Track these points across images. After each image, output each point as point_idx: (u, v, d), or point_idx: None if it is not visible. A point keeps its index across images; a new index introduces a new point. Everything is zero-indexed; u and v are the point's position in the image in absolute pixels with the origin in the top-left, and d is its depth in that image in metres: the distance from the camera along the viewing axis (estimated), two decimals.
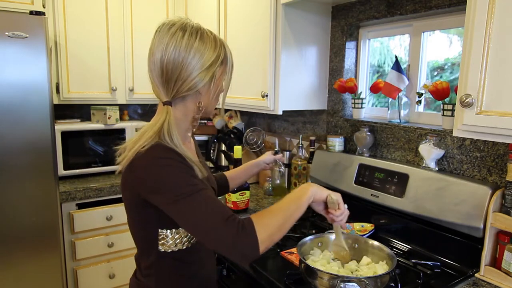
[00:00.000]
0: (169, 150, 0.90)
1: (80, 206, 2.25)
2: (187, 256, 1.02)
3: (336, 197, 1.03)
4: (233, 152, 2.45)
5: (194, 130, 1.11)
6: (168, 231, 0.97)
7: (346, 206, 1.07)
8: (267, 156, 1.51)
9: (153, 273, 1.01)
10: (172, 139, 0.91)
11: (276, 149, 1.46)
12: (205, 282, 1.10)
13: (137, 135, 0.94)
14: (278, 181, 2.08)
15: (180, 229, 0.98)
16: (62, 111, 2.67)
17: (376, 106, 1.96)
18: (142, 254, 1.03)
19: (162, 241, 0.98)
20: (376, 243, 1.22)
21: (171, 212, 0.88)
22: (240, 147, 1.78)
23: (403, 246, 1.50)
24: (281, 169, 2.11)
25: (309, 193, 0.98)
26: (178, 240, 0.99)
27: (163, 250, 0.98)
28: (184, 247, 1.00)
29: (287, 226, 0.92)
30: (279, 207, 0.94)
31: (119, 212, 2.34)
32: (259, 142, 2.43)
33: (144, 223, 0.97)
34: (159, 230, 0.97)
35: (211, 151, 2.66)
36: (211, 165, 2.66)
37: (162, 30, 0.95)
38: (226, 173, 1.45)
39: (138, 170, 0.89)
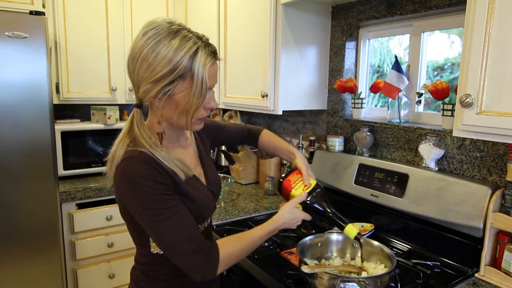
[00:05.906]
0: (143, 164, 0.86)
1: (80, 206, 2.25)
2: None
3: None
4: (233, 152, 2.46)
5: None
6: None
7: None
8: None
9: (147, 271, 1.03)
10: (146, 141, 0.89)
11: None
12: None
13: (115, 145, 0.93)
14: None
15: None
16: (62, 111, 2.67)
17: (376, 106, 1.96)
18: (139, 253, 1.06)
19: (153, 243, 0.99)
20: (376, 243, 1.22)
21: (145, 225, 0.90)
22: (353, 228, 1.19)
23: (403, 246, 1.50)
24: None
25: (280, 227, 1.05)
26: None
27: (155, 252, 1.00)
28: None
29: (247, 254, 1.00)
30: (251, 239, 0.99)
31: (119, 212, 2.33)
32: None
33: (136, 227, 0.97)
34: None
35: (211, 151, 2.66)
36: None
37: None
38: (263, 137, 1.37)
39: (119, 185, 0.91)
